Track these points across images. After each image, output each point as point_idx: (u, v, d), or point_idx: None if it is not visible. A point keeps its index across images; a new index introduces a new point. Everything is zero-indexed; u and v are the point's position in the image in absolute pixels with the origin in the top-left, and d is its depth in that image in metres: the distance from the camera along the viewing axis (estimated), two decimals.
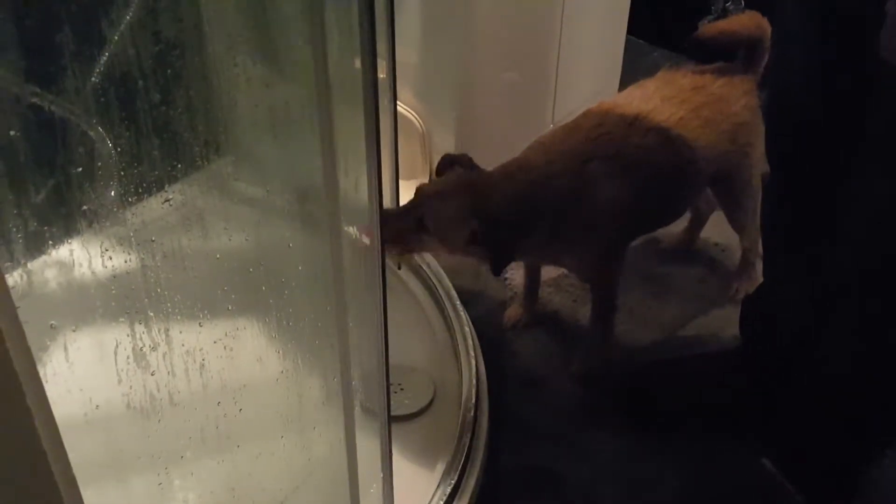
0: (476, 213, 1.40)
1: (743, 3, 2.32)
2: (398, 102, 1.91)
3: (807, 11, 1.26)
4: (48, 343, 0.99)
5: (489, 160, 1.52)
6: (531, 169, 1.48)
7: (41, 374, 0.62)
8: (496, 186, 1.44)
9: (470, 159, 1.50)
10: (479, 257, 1.48)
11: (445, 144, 1.96)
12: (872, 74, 1.13)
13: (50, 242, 1.04)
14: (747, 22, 1.65)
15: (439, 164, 1.51)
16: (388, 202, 1.55)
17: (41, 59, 1.04)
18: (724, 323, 1.77)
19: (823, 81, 1.27)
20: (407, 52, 1.88)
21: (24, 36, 0.96)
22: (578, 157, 1.49)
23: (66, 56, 1.05)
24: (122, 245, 1.09)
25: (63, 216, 1.07)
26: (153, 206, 1.14)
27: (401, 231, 1.42)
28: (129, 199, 1.19)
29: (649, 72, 1.71)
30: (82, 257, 1.05)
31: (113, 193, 1.16)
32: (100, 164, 1.15)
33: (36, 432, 0.61)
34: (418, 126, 1.98)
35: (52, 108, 1.08)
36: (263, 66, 1.35)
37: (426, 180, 1.96)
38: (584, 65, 2.10)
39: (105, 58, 1.12)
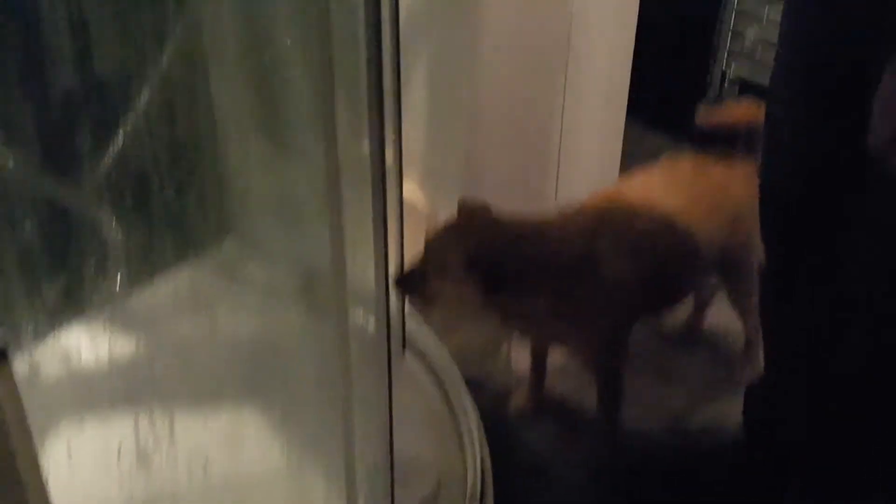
0: (471, 237, 1.44)
1: (738, 89, 2.36)
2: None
3: (796, 102, 1.29)
4: (51, 434, 0.97)
5: None
6: (544, 228, 1.50)
7: (43, 467, 0.60)
8: (502, 222, 1.47)
9: (486, 206, 1.52)
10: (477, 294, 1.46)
11: None
12: (861, 163, 1.15)
13: (56, 330, 1.03)
14: (745, 110, 1.68)
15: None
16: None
17: (54, 150, 1.04)
18: (729, 410, 1.75)
19: (813, 168, 1.29)
20: (411, 137, 1.89)
21: (41, 129, 0.97)
22: (590, 229, 1.51)
23: (78, 146, 1.05)
24: (127, 332, 1.08)
25: (70, 304, 1.06)
26: (161, 291, 1.13)
27: (413, 282, 1.44)
28: (136, 286, 1.18)
29: (650, 152, 1.73)
30: (87, 345, 1.04)
31: (119, 281, 1.15)
32: (108, 252, 1.15)
33: None
34: (422, 209, 1.99)
35: (62, 196, 1.08)
36: (273, 151, 1.36)
37: None
38: (585, 147, 2.13)
39: (117, 148, 1.12)
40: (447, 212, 1.96)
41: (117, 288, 1.12)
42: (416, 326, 1.64)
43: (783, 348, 1.50)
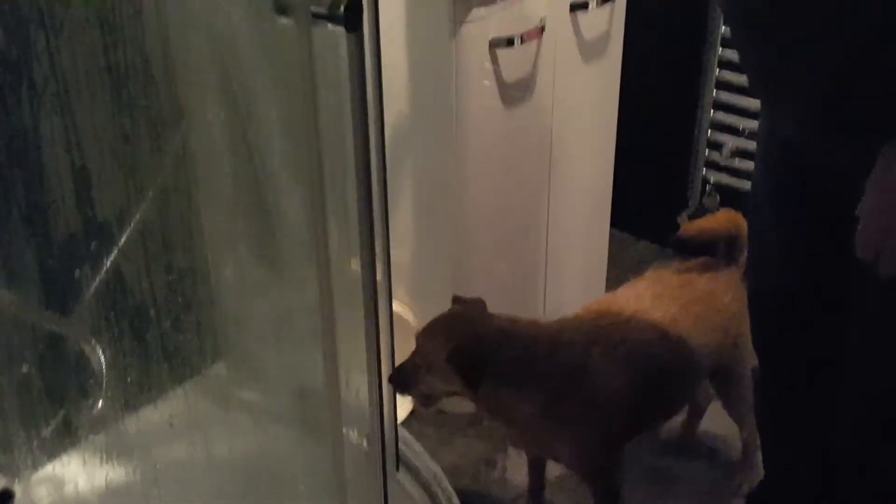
0: (458, 334, 1.46)
1: (718, 197, 2.41)
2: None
3: (780, 213, 1.32)
4: None
5: None
6: (540, 334, 1.52)
7: None
8: (489, 318, 1.51)
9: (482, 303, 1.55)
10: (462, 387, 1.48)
11: None
12: (845, 267, 1.17)
13: (50, 457, 1.03)
14: (724, 221, 1.73)
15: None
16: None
17: (51, 280, 1.07)
18: None
19: (799, 274, 1.32)
20: (399, 252, 1.93)
21: (42, 265, 1.00)
22: (586, 338, 1.53)
23: (73, 277, 1.08)
24: (123, 457, 1.09)
25: (67, 433, 1.07)
26: (156, 417, 1.14)
27: (405, 378, 1.46)
28: (130, 411, 1.19)
29: (634, 262, 1.76)
30: (83, 471, 1.04)
31: (110, 406, 1.17)
32: (101, 379, 1.16)
33: None
34: (412, 323, 2.00)
35: (56, 326, 1.11)
36: (266, 275, 1.39)
37: None
38: (571, 257, 2.17)
39: (111, 277, 1.15)
40: None
41: (110, 413, 1.13)
42: (409, 442, 1.64)
43: (782, 452, 1.50)
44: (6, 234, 0.97)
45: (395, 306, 1.99)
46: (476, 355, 1.44)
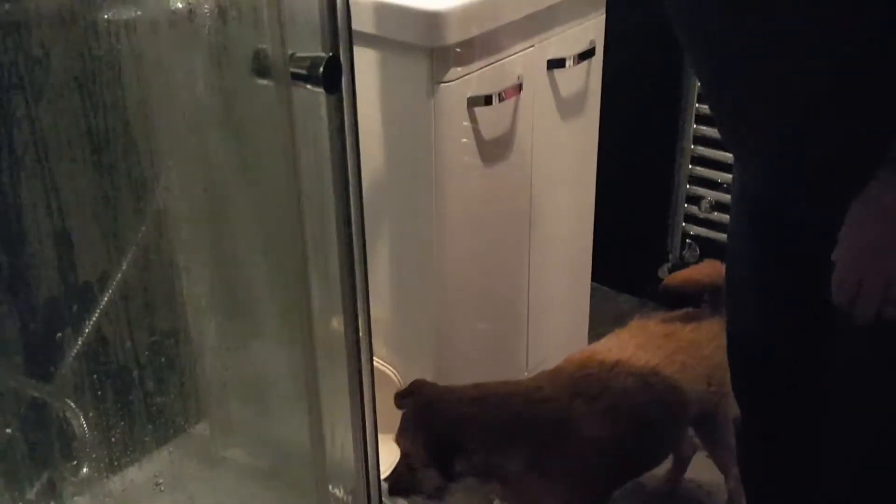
0: (431, 436, 1.46)
1: (698, 250, 2.44)
2: (374, 358, 1.94)
3: (755, 264, 1.34)
4: None
5: None
6: (516, 392, 1.54)
7: None
8: (463, 408, 1.50)
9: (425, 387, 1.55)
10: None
11: None
12: (822, 316, 1.18)
13: None
14: (708, 270, 1.75)
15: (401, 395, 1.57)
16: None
17: (32, 346, 1.08)
18: None
19: (777, 324, 1.33)
20: (379, 309, 1.94)
21: (23, 330, 1.01)
22: (566, 390, 1.54)
23: (54, 341, 1.09)
24: None
25: (49, 494, 1.07)
26: (140, 477, 1.14)
27: (404, 483, 1.49)
28: (113, 471, 1.18)
29: (615, 315, 1.78)
30: None
31: (94, 467, 1.16)
32: (81, 442, 1.16)
33: None
34: (395, 380, 2.00)
35: (36, 392, 1.11)
36: (247, 334, 1.40)
37: None
38: (553, 312, 2.18)
39: (90, 336, 1.16)
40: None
41: (95, 474, 1.13)
42: (395, 499, 1.63)
43: (765, 500, 1.50)
44: None
45: (377, 363, 2.00)
46: (447, 440, 1.46)
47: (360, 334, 1.25)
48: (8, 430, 0.97)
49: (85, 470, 1.14)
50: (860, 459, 1.26)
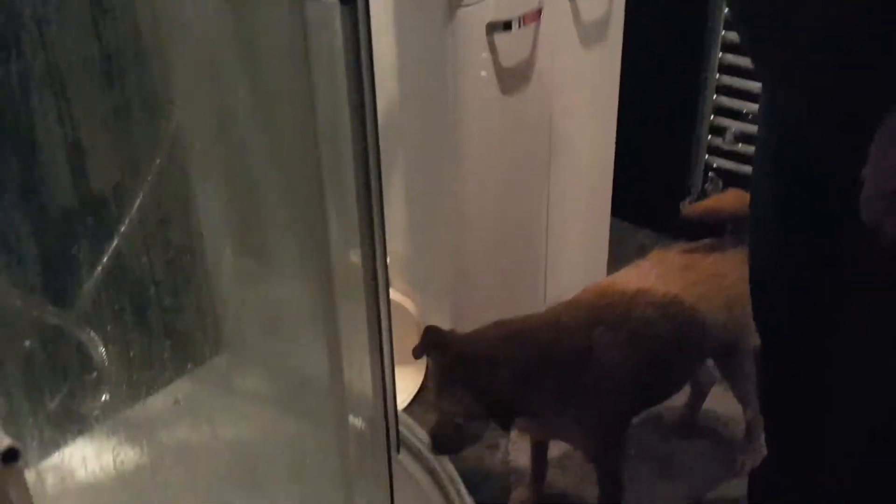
0: (476, 386, 1.42)
1: (721, 183, 2.41)
2: (391, 290, 1.95)
3: (782, 190, 1.32)
4: None
5: None
6: (538, 326, 1.52)
7: None
8: (495, 352, 1.46)
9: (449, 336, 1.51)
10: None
11: None
12: (850, 239, 1.17)
13: (60, 445, 1.04)
14: (731, 199, 1.73)
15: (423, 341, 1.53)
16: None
17: (54, 273, 1.08)
18: (733, 497, 1.74)
19: (801, 252, 1.32)
20: (396, 242, 1.93)
21: (41, 252, 1.01)
22: (586, 320, 1.53)
23: (74, 267, 1.09)
24: (131, 444, 1.10)
25: (71, 419, 1.08)
26: (161, 405, 1.15)
27: (447, 440, 1.47)
28: (135, 400, 1.20)
29: (635, 251, 1.77)
30: (92, 459, 1.05)
31: (110, 397, 1.18)
32: (101, 369, 1.18)
33: None
34: (412, 312, 2.01)
35: (57, 317, 1.12)
36: (266, 265, 1.40)
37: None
38: (572, 247, 2.17)
39: (111, 265, 1.16)
40: (438, 313, 1.99)
41: (115, 402, 1.14)
42: (412, 426, 1.65)
43: (785, 431, 1.50)
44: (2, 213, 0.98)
45: (394, 295, 2.00)
46: (499, 393, 1.44)
47: (377, 266, 1.24)
48: (28, 346, 0.98)
49: (105, 397, 1.16)
50: (882, 389, 1.25)
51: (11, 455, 0.55)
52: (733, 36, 2.25)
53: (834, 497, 1.35)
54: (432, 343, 1.51)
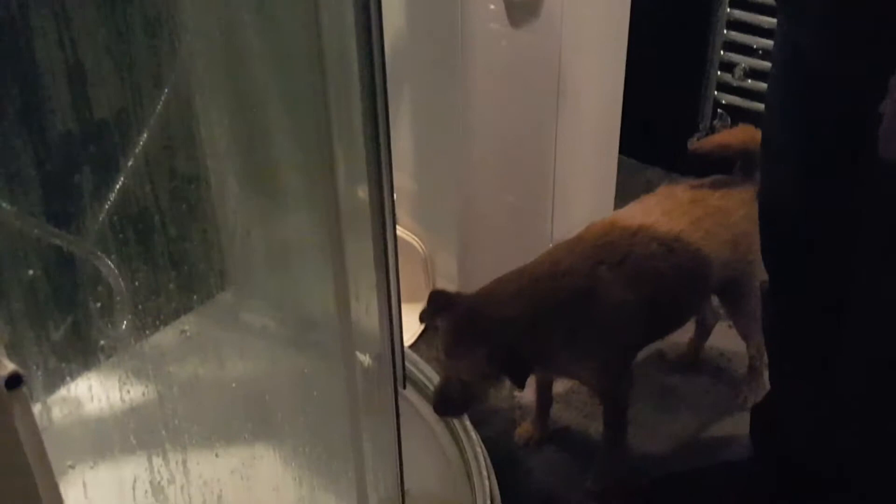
0: (489, 346, 1.41)
1: (729, 120, 2.39)
2: (399, 227, 1.95)
3: (797, 123, 1.31)
4: (66, 479, 0.99)
5: (491, 279, 1.55)
6: (538, 275, 1.51)
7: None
8: (495, 305, 1.46)
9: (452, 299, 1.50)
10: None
11: (447, 266, 1.99)
12: (865, 175, 1.16)
13: (68, 377, 1.06)
14: (741, 134, 1.71)
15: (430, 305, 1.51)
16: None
17: (57, 200, 1.08)
18: (736, 431, 1.76)
19: (815, 185, 1.31)
20: (404, 178, 1.93)
21: (43, 178, 1.00)
22: (587, 261, 1.53)
23: (80, 195, 1.09)
24: (139, 377, 1.11)
25: (80, 351, 1.09)
26: (169, 338, 1.16)
27: (451, 402, 1.46)
28: (144, 332, 1.21)
29: (643, 189, 1.76)
30: (100, 391, 1.06)
31: (126, 327, 1.19)
32: (114, 299, 1.18)
33: None
34: (419, 249, 2.02)
35: (67, 246, 1.12)
36: (273, 199, 1.40)
37: None
38: (579, 184, 2.16)
39: (117, 195, 1.16)
40: (445, 251, 1.99)
41: (126, 335, 1.15)
42: (417, 363, 1.67)
43: (789, 366, 1.52)
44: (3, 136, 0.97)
45: (401, 233, 2.01)
46: (519, 355, 1.43)
47: (384, 201, 1.24)
48: (31, 272, 0.98)
49: (124, 325, 1.16)
50: (886, 327, 1.26)
51: (15, 381, 0.55)
52: None
53: (837, 431, 1.37)
54: (440, 307, 1.49)
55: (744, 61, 2.33)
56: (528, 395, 1.83)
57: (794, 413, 1.49)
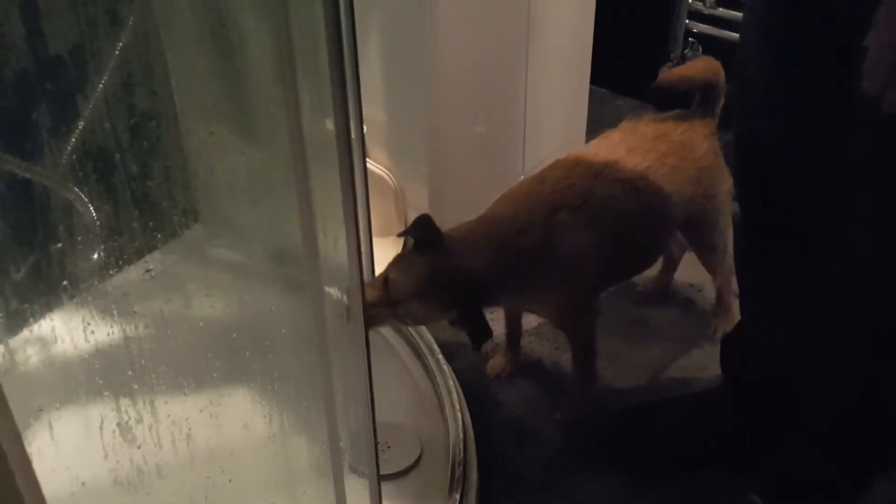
0: (448, 298, 1.40)
1: (700, 49, 2.37)
2: (369, 160, 1.92)
3: (776, 53, 1.29)
4: (32, 422, 0.98)
5: (463, 212, 1.54)
6: (498, 226, 1.49)
7: (28, 453, 0.62)
8: (463, 259, 1.43)
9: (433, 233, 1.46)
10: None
11: (419, 199, 1.97)
12: (843, 107, 1.15)
13: (31, 318, 1.04)
14: (703, 66, 1.69)
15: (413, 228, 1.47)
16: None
17: (19, 134, 1.04)
18: (705, 362, 1.78)
19: (788, 120, 1.30)
20: (373, 111, 1.90)
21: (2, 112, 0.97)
22: (545, 207, 1.51)
23: (42, 129, 1.05)
24: (104, 317, 1.09)
25: (43, 291, 1.07)
26: (133, 277, 1.14)
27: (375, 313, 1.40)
28: (109, 271, 1.18)
29: (614, 119, 1.74)
30: (64, 332, 1.05)
31: (92, 265, 1.16)
32: (79, 236, 1.16)
33: None
34: (390, 182, 2.00)
35: (32, 179, 1.09)
36: (238, 135, 1.37)
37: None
38: (550, 115, 2.14)
39: (80, 131, 1.13)
40: (417, 183, 1.98)
41: (91, 274, 1.13)
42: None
43: (760, 296, 1.52)
44: None
45: (373, 166, 1.98)
46: (478, 312, 1.40)
47: (354, 136, 1.21)
48: None
49: (96, 256, 1.14)
50: (860, 256, 1.26)
51: None
52: None
53: (808, 361, 1.39)
54: (422, 235, 1.44)
55: None
56: (497, 328, 1.84)
57: (764, 345, 1.50)
